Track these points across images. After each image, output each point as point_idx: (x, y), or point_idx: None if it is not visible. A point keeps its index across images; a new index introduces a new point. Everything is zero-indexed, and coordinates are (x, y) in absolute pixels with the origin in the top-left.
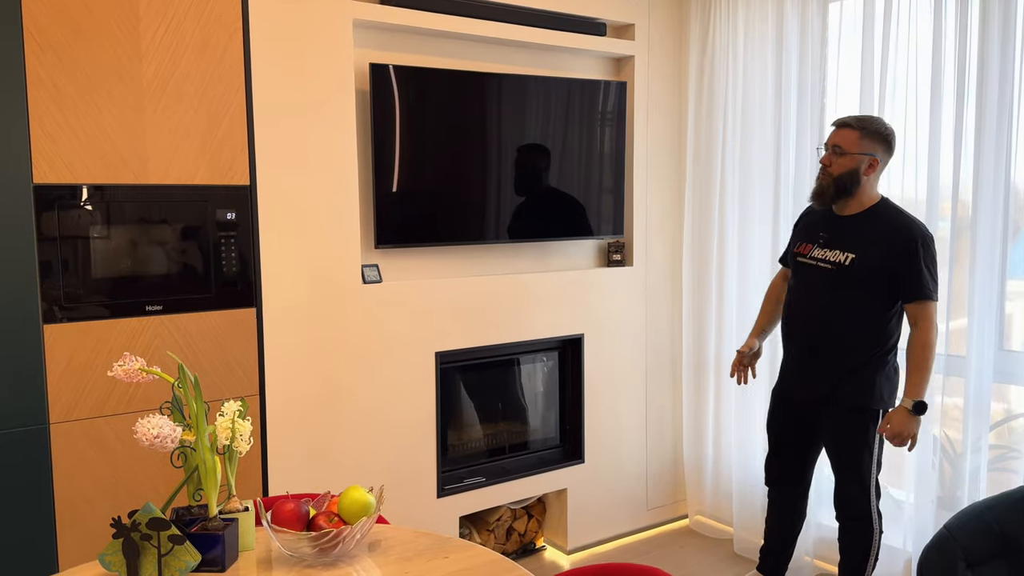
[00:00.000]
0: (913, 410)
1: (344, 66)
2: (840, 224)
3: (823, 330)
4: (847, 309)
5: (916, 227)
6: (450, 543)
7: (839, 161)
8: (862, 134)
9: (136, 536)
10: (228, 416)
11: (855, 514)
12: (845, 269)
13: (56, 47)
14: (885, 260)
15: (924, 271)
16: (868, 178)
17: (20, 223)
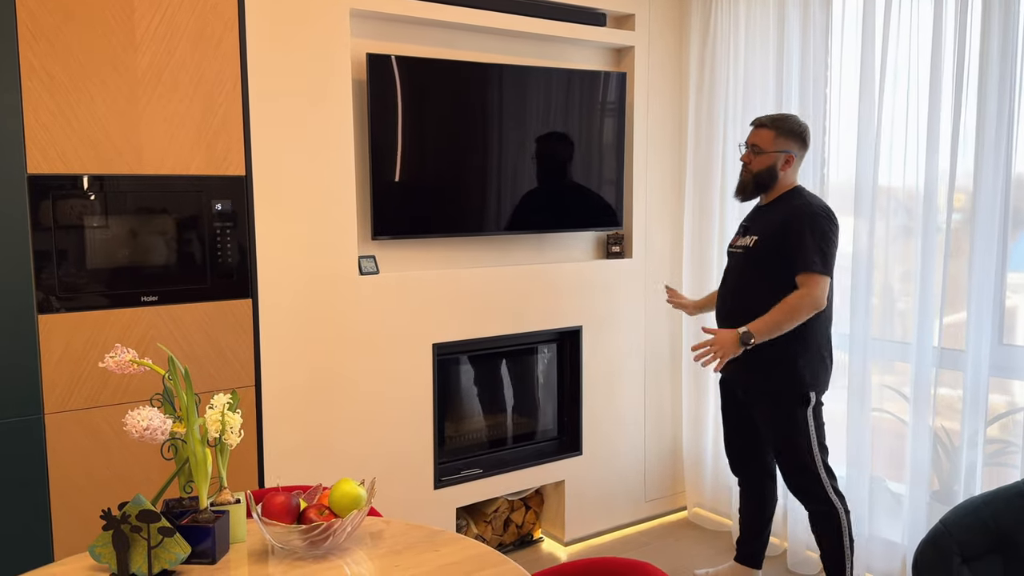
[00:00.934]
0: (741, 337)
1: (341, 56)
2: (757, 213)
3: (737, 313)
4: (754, 291)
5: (808, 207)
6: (441, 536)
7: (757, 159)
8: (777, 133)
9: (126, 528)
10: (218, 409)
11: (811, 500)
12: (750, 251)
13: (49, 35)
14: (779, 238)
15: (807, 244)
16: (785, 172)
17: (14, 213)
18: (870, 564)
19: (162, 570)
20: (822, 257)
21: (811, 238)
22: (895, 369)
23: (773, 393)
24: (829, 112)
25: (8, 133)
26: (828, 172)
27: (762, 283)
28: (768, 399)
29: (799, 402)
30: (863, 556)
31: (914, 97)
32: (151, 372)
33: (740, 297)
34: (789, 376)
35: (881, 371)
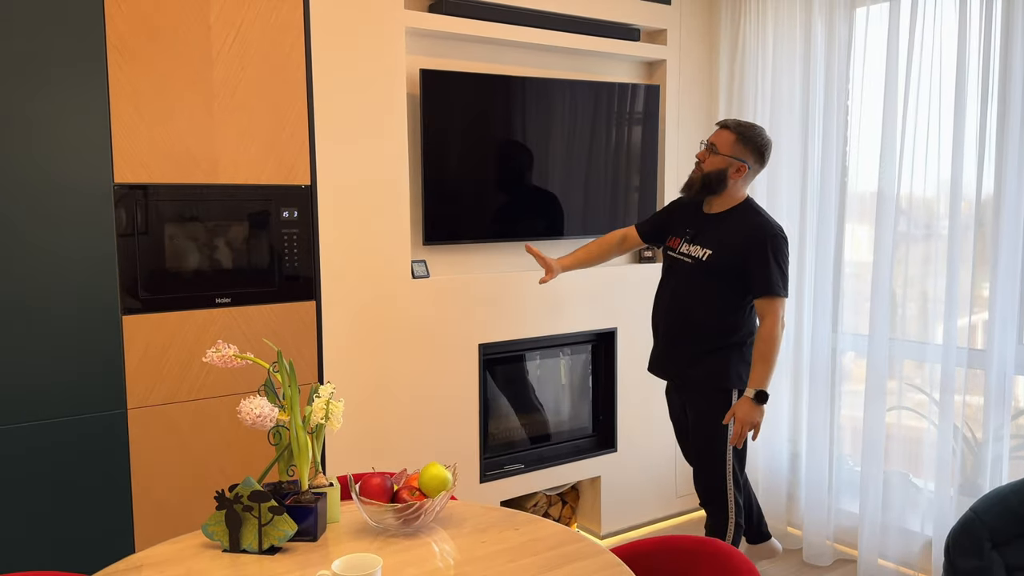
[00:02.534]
0: (755, 399)
1: (397, 71)
2: (704, 221)
3: (680, 320)
4: (702, 301)
5: (768, 227)
6: (517, 516)
7: (711, 159)
8: (737, 139)
9: (238, 507)
10: (324, 398)
11: (710, 498)
12: (702, 264)
13: (135, 54)
14: (737, 257)
15: (773, 269)
16: (735, 181)
17: (101, 220)
18: (884, 552)
19: (271, 546)
20: (784, 280)
21: (774, 262)
22: (916, 368)
23: (703, 387)
24: (851, 123)
25: (98, 146)
26: (848, 180)
27: (711, 300)
28: (697, 394)
29: (726, 400)
30: (877, 545)
31: (936, 109)
32: (223, 371)
33: (685, 309)
34: (722, 371)
35: (907, 370)
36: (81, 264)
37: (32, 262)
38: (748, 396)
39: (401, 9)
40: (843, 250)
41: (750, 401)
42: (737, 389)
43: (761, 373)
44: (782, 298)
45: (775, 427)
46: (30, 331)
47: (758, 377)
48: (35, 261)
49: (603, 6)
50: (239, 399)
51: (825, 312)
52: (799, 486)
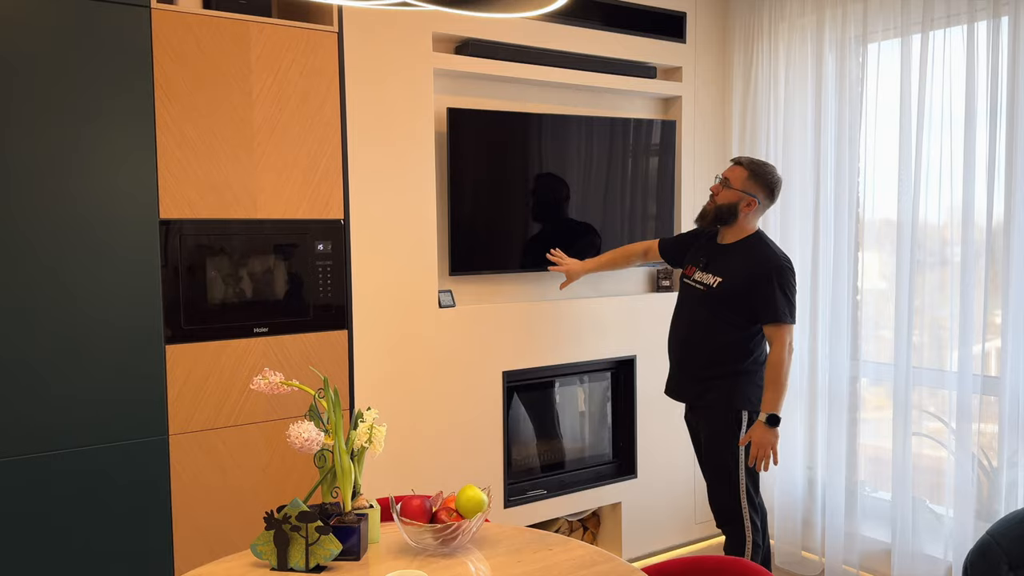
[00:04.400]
0: (768, 422)
1: (426, 110)
2: (717, 251)
3: (693, 346)
4: (714, 328)
5: (775, 258)
6: (550, 538)
7: (724, 192)
8: (749, 175)
9: (286, 527)
10: (368, 422)
11: (726, 518)
12: (713, 291)
13: (181, 96)
14: (745, 285)
15: (779, 297)
16: (745, 215)
17: (147, 253)
18: None
19: (317, 565)
20: (790, 307)
21: (780, 292)
22: (936, 396)
23: (715, 408)
24: (864, 155)
25: (145, 183)
26: (864, 212)
27: (721, 325)
28: (709, 414)
29: (738, 421)
30: (906, 570)
31: (948, 140)
32: (260, 399)
33: (697, 337)
34: (733, 393)
35: (922, 397)
36: (127, 295)
37: (82, 293)
38: (761, 420)
39: (430, 52)
40: (857, 278)
41: (763, 425)
42: (747, 411)
43: (772, 397)
44: (789, 325)
45: (790, 453)
46: (78, 360)
47: (769, 401)
48: (84, 292)
49: (621, 46)
50: (275, 425)
51: (841, 340)
52: (815, 512)
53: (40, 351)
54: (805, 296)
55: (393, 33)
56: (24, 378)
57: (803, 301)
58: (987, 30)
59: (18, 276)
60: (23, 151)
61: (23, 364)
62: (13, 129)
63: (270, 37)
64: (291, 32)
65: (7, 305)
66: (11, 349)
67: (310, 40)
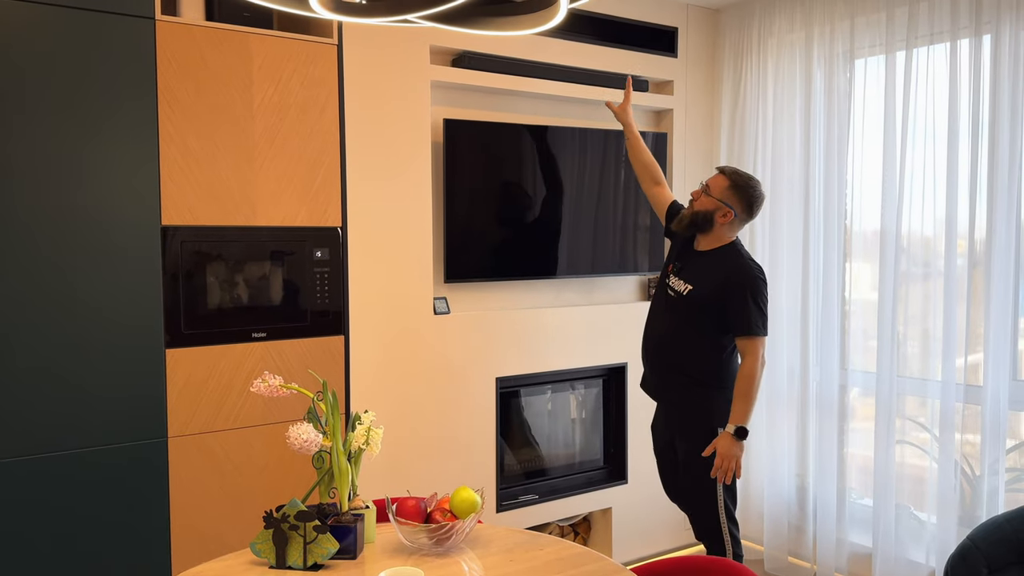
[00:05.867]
0: (735, 435)
1: (422, 121)
2: (691, 256)
3: (661, 348)
4: (685, 336)
5: (748, 270)
6: (542, 538)
7: (703, 199)
8: (730, 185)
9: (285, 527)
10: (365, 425)
11: (705, 533)
12: (683, 298)
13: (184, 105)
14: (716, 296)
15: (751, 309)
16: (721, 224)
17: (149, 259)
18: None
19: (314, 563)
20: (763, 319)
21: (752, 303)
22: (920, 405)
23: (690, 426)
24: (851, 167)
25: (147, 190)
26: (851, 224)
27: (692, 334)
28: (685, 430)
29: (710, 438)
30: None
31: (931, 153)
32: (257, 403)
33: (668, 344)
34: (707, 410)
35: (906, 406)
36: (129, 300)
37: (84, 297)
38: (728, 432)
39: (427, 64)
40: (845, 288)
41: (730, 436)
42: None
43: (741, 410)
44: (761, 337)
45: (779, 461)
46: (79, 363)
47: (738, 414)
48: (87, 296)
49: (613, 60)
50: (272, 428)
51: (831, 349)
52: (807, 519)
53: (42, 354)
54: (796, 306)
55: (391, 46)
56: (26, 380)
57: (793, 311)
58: (969, 48)
59: (22, 280)
60: (30, 158)
61: (25, 366)
62: (20, 136)
63: (271, 49)
64: (292, 44)
65: (10, 307)
66: (13, 351)
67: (310, 52)
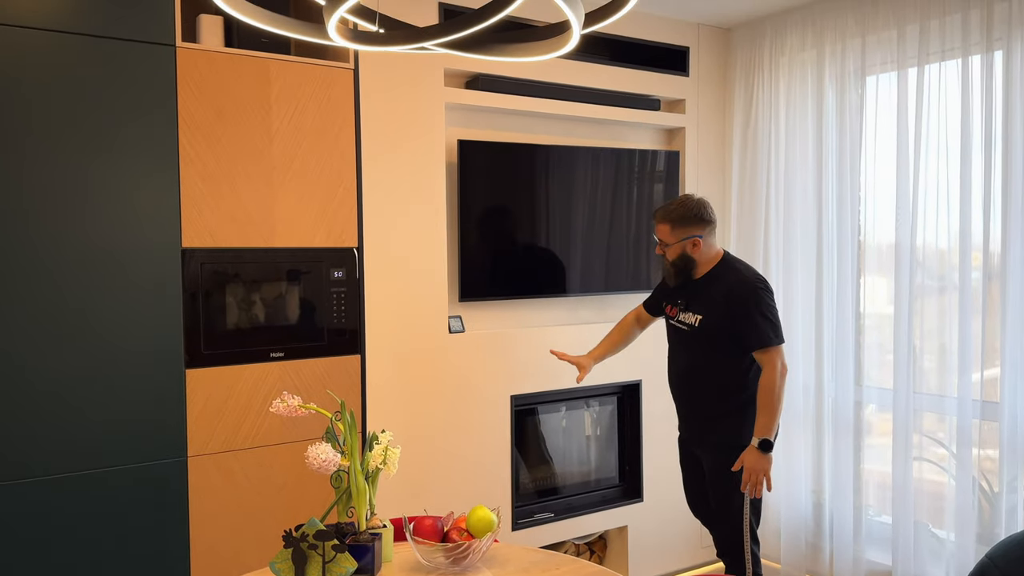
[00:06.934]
0: (760, 447)
1: (437, 142)
2: (692, 288)
3: (691, 383)
4: (706, 363)
5: (745, 283)
6: (557, 557)
7: (668, 250)
8: (672, 225)
9: (304, 546)
10: (382, 444)
11: (726, 548)
12: (696, 330)
13: (203, 129)
14: (725, 318)
15: (760, 321)
16: (698, 253)
17: (169, 281)
18: None
19: None
20: (774, 329)
21: (760, 316)
22: (936, 421)
23: (718, 444)
24: (865, 183)
25: (168, 212)
26: (864, 238)
27: (715, 360)
28: (713, 449)
29: (738, 454)
30: None
31: (944, 168)
32: (278, 421)
33: (694, 374)
34: (736, 429)
35: (923, 422)
36: (149, 321)
37: (106, 318)
38: (753, 445)
39: (441, 87)
40: (860, 304)
41: (756, 450)
42: None
43: (764, 423)
44: (777, 346)
45: (795, 478)
46: (101, 383)
47: (761, 427)
48: (108, 317)
49: (625, 79)
50: (290, 448)
51: (846, 365)
52: (823, 536)
53: (65, 374)
54: (810, 322)
55: (407, 70)
56: (48, 401)
57: (808, 327)
58: (981, 64)
59: (43, 302)
60: (53, 182)
61: (45, 388)
62: (44, 162)
63: (289, 74)
64: (309, 69)
65: (34, 329)
66: (36, 372)
67: (327, 77)
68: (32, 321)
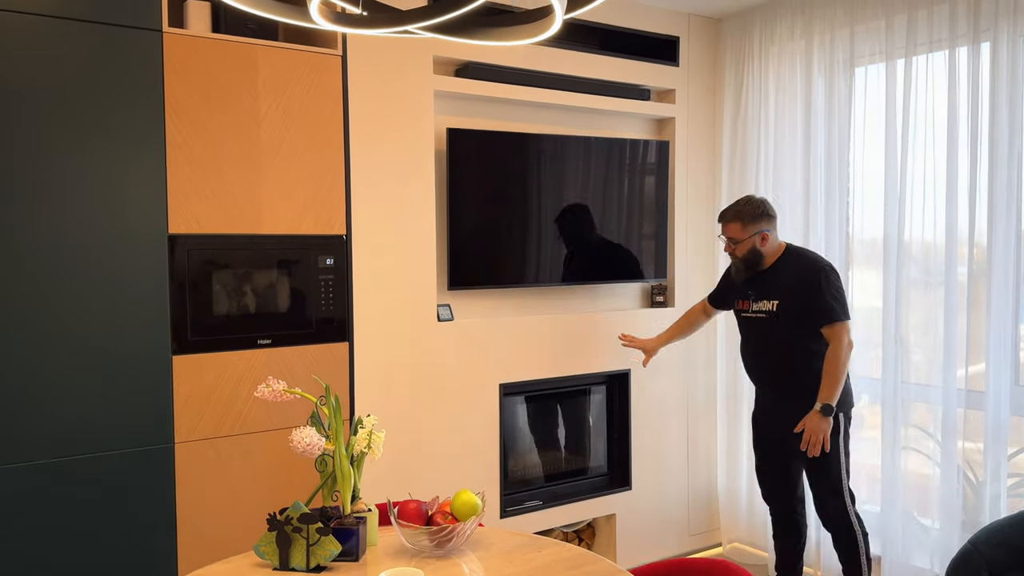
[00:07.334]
0: (821, 411)
1: (426, 130)
2: (761, 278)
3: (777, 366)
4: (787, 344)
5: (816, 265)
6: (540, 541)
7: (738, 247)
8: (744, 223)
9: (288, 529)
10: (367, 428)
11: (836, 520)
12: (775, 314)
13: (190, 115)
14: (800, 299)
15: (829, 299)
16: (766, 246)
17: (156, 267)
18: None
19: (317, 565)
20: (841, 306)
21: (828, 292)
22: (923, 411)
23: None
24: (852, 175)
25: (154, 199)
26: (852, 230)
27: (794, 341)
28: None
29: (835, 430)
30: None
31: (931, 161)
32: (263, 408)
33: (778, 359)
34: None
35: (910, 413)
36: (136, 307)
37: (91, 305)
38: (816, 409)
39: (430, 74)
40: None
41: (818, 413)
42: (842, 412)
43: (827, 389)
44: (843, 322)
45: None
46: (88, 371)
47: (824, 393)
48: (94, 304)
49: (616, 69)
50: (277, 435)
51: None
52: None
53: (51, 361)
54: None
55: (395, 56)
56: (35, 387)
57: None
58: (968, 55)
59: (30, 288)
60: (38, 168)
61: (33, 373)
62: (29, 146)
63: (277, 60)
64: (297, 55)
65: (18, 314)
66: (24, 358)
67: (315, 63)
68: (17, 308)
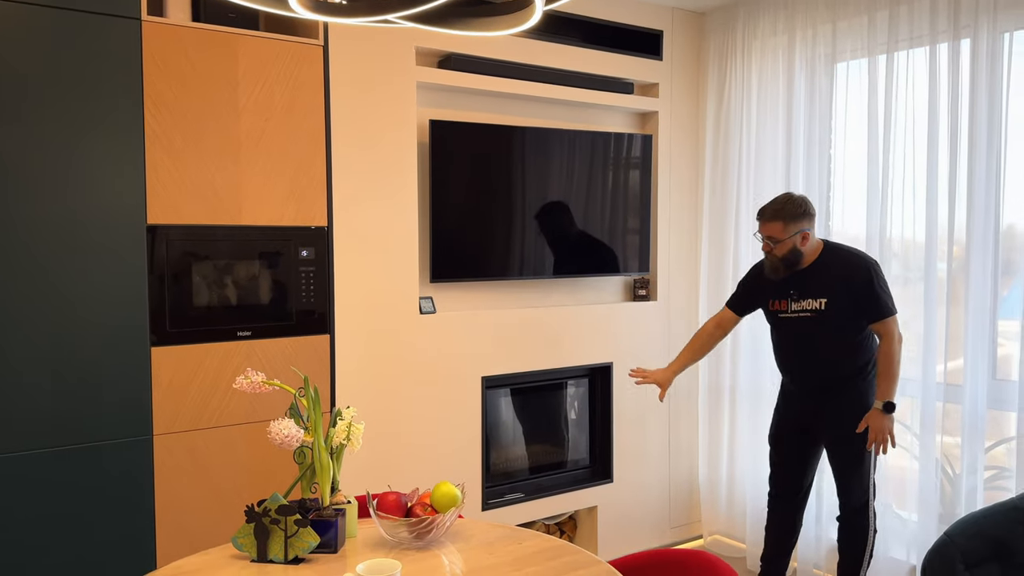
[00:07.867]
0: (884, 409)
1: (408, 122)
2: (802, 277)
3: (821, 364)
4: (832, 342)
5: (863, 260)
6: (521, 533)
7: (778, 247)
8: (785, 222)
9: (266, 520)
10: (346, 420)
11: (856, 508)
12: (822, 312)
13: (169, 105)
14: (850, 297)
15: (880, 295)
16: (806, 244)
17: (135, 258)
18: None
19: (295, 557)
20: (889, 299)
21: (879, 287)
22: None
23: (849, 412)
24: (833, 171)
25: (133, 189)
26: (832, 225)
27: (846, 338)
28: (841, 418)
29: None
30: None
31: (911, 156)
32: (242, 401)
33: (825, 357)
34: (863, 394)
35: None
36: (115, 298)
37: (70, 296)
38: (878, 407)
39: (413, 65)
40: None
41: (880, 412)
42: None
43: (885, 387)
44: (893, 316)
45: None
46: (66, 362)
47: (884, 390)
48: (73, 295)
49: (599, 62)
50: (256, 427)
51: None
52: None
53: (28, 351)
54: None
55: (377, 47)
56: (11, 377)
57: None
58: (948, 52)
59: (6, 278)
60: (14, 157)
61: (9, 364)
62: (4, 136)
63: (257, 49)
64: (278, 45)
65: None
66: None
67: (296, 53)
68: None
